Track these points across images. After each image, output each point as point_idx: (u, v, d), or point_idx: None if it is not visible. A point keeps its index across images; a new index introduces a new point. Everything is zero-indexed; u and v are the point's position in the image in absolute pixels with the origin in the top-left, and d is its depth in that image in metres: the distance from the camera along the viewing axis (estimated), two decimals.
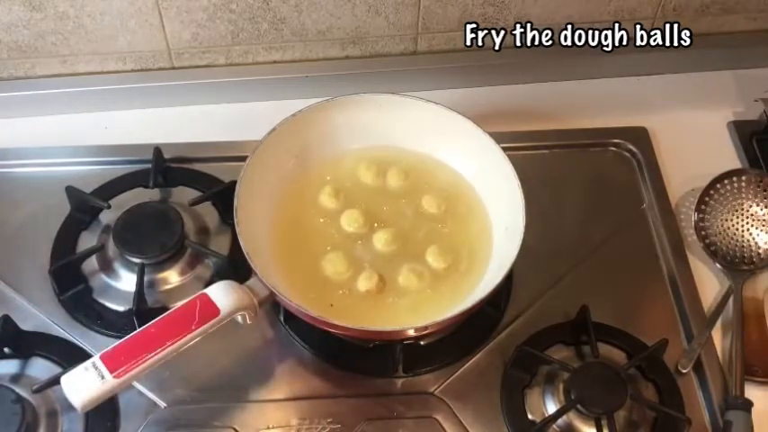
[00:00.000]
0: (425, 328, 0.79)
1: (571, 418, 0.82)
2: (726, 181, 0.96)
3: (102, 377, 0.72)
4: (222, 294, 0.78)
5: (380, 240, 0.88)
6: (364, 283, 0.85)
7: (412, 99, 0.92)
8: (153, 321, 0.76)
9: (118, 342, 0.75)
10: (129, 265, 0.92)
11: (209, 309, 0.77)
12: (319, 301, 0.84)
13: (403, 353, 0.85)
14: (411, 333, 0.81)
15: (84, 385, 0.72)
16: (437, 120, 0.92)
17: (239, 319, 0.80)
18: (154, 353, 0.74)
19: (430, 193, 0.92)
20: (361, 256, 0.87)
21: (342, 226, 0.89)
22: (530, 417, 0.83)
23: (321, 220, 0.90)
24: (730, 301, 0.92)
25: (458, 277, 0.87)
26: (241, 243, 0.80)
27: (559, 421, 0.82)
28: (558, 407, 0.82)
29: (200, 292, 0.79)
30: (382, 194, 0.92)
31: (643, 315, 0.92)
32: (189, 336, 0.76)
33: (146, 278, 0.90)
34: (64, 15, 1.01)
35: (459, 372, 0.87)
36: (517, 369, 0.86)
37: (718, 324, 0.91)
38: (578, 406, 0.80)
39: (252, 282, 0.81)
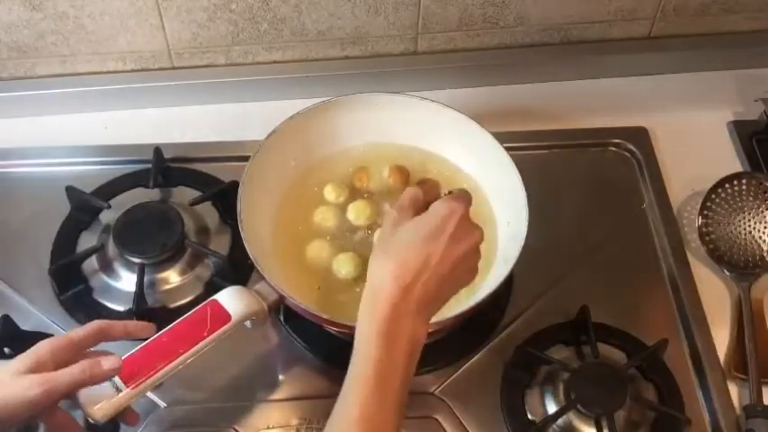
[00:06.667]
0: None
1: (571, 418, 0.82)
2: (727, 185, 0.95)
3: (118, 389, 0.71)
4: (233, 300, 0.78)
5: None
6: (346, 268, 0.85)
7: (412, 98, 0.92)
8: (164, 330, 0.76)
9: (130, 352, 0.74)
10: (129, 265, 0.92)
11: (221, 315, 0.77)
12: (324, 301, 0.84)
13: None
14: None
15: (101, 399, 0.71)
16: (437, 118, 0.92)
17: (248, 324, 0.80)
18: (168, 362, 0.73)
19: None
20: (361, 253, 0.87)
21: (343, 222, 0.89)
22: (530, 417, 0.83)
23: (322, 219, 0.90)
24: (730, 302, 0.92)
25: None
26: (247, 247, 0.80)
27: (559, 421, 0.82)
28: (558, 407, 0.82)
29: (210, 298, 0.78)
30: (383, 193, 0.92)
31: (643, 315, 0.92)
32: (202, 343, 0.75)
33: (146, 278, 0.90)
34: (64, 15, 1.01)
35: (459, 372, 0.87)
36: (517, 369, 0.85)
37: (719, 324, 0.90)
38: (578, 406, 0.80)
39: (259, 286, 0.80)
